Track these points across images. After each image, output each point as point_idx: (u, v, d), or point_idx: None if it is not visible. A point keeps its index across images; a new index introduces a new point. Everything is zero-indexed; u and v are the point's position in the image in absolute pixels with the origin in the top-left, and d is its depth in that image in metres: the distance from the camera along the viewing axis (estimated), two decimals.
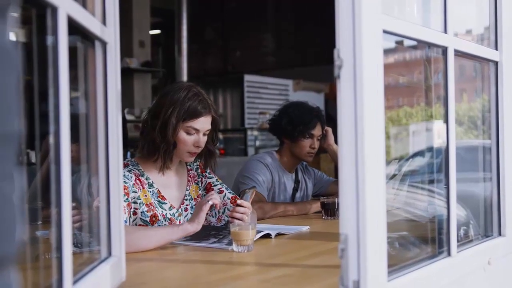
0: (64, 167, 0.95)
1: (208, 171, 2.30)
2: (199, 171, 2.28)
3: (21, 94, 0.55)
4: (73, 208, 1.35)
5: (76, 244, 1.23)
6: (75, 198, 1.07)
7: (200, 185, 2.27)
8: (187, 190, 2.21)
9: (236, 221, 1.97)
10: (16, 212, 0.53)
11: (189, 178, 2.25)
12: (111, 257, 1.30)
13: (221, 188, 2.27)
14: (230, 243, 1.82)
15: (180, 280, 1.51)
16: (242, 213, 2.03)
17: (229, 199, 2.24)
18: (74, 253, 1.00)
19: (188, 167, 2.27)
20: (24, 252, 0.94)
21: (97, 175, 1.30)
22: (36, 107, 0.98)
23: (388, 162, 1.20)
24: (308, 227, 2.25)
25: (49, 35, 0.96)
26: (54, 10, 0.93)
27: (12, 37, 0.56)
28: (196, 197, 2.24)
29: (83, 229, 1.38)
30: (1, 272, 0.51)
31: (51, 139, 0.94)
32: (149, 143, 2.08)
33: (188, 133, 2.07)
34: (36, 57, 1.00)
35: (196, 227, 1.84)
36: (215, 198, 1.90)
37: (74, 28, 1.05)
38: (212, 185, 2.27)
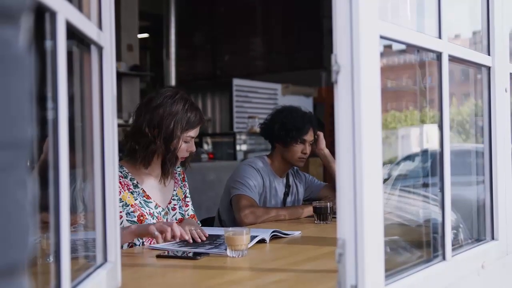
0: (63, 172, 0.94)
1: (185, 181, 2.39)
2: (180, 177, 2.36)
3: (33, 101, 0.55)
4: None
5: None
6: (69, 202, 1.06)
7: (182, 189, 2.35)
8: (174, 190, 2.29)
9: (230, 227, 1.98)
10: (28, 218, 0.53)
11: (176, 180, 2.32)
12: (107, 263, 1.29)
13: (189, 202, 2.37)
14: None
15: (175, 286, 1.50)
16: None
17: (189, 215, 2.33)
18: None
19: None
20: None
21: (92, 180, 1.29)
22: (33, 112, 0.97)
23: None
24: (300, 232, 2.25)
25: (47, 39, 0.95)
26: (53, 14, 0.93)
27: (25, 44, 0.55)
28: (181, 198, 2.32)
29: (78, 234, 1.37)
30: (15, 279, 0.50)
31: (50, 144, 0.94)
32: (150, 153, 2.11)
33: (186, 142, 2.17)
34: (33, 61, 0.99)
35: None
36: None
37: (71, 32, 1.04)
38: (186, 196, 2.36)
